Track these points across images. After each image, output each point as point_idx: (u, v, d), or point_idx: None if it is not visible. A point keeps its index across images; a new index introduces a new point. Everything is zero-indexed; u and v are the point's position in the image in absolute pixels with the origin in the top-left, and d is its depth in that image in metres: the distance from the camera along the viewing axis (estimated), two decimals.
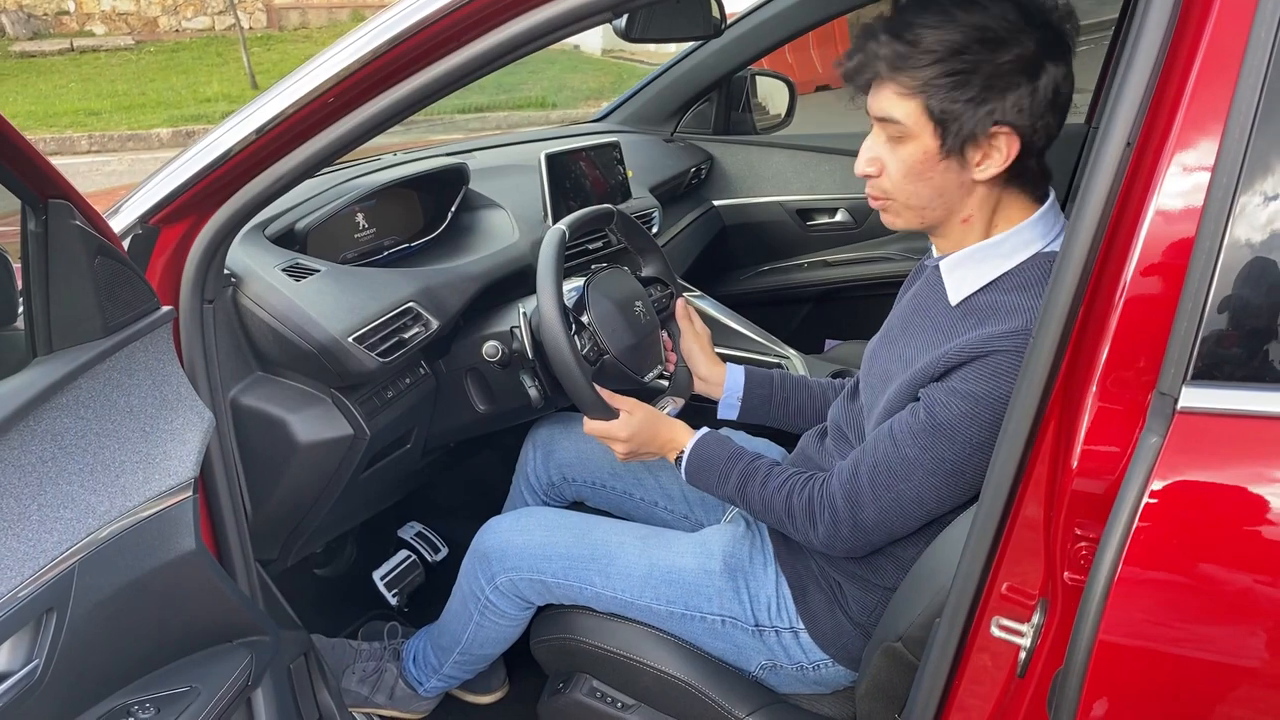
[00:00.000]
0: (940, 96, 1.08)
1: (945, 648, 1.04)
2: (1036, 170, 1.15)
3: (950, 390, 1.13)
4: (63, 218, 0.98)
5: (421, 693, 1.73)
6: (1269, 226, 0.79)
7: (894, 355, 1.27)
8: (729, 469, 1.35)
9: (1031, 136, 1.10)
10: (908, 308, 1.32)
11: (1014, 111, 1.08)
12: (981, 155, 1.12)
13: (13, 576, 0.87)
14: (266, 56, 11.28)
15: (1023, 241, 1.17)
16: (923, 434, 1.15)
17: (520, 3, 1.05)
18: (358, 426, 1.44)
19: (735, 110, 2.75)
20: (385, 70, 1.09)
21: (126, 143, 8.54)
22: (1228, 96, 0.80)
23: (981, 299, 1.17)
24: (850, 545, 1.26)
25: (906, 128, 1.12)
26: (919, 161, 1.14)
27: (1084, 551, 0.89)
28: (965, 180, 1.14)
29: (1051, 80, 1.08)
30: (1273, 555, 0.80)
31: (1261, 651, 0.81)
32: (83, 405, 1.01)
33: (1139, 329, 0.84)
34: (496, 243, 1.78)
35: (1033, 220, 1.17)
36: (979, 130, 1.09)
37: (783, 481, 1.32)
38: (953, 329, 1.18)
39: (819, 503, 1.26)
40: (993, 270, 1.17)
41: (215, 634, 1.18)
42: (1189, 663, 0.83)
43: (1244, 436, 0.80)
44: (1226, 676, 0.82)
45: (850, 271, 2.71)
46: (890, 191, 1.18)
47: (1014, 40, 1.06)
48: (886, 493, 1.20)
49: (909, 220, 1.21)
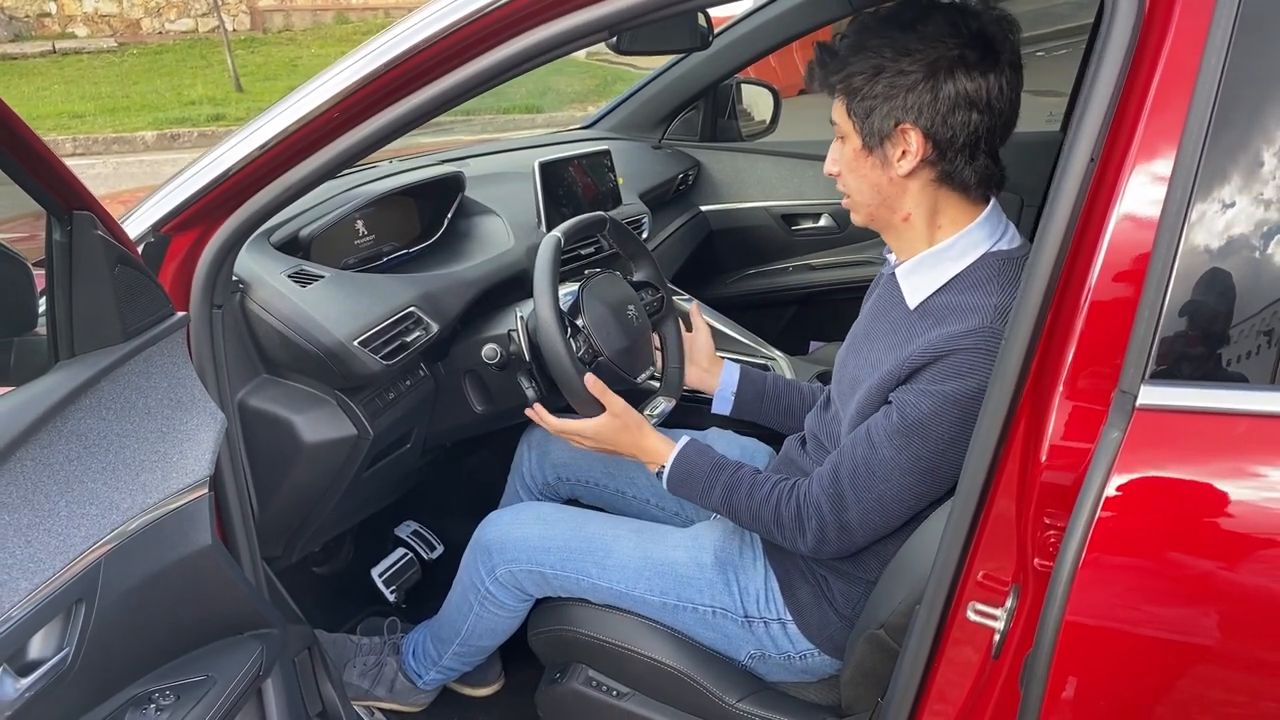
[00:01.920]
0: (856, 96, 1.21)
1: (925, 633, 1.09)
2: (968, 171, 1.22)
3: (919, 391, 1.20)
4: (86, 228, 1.03)
5: (420, 685, 1.78)
6: (1221, 235, 0.85)
7: (860, 361, 1.34)
8: (713, 480, 1.39)
9: (942, 135, 1.19)
10: (869, 315, 1.40)
11: (914, 111, 1.18)
12: (900, 152, 1.21)
13: (45, 569, 0.92)
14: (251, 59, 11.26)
15: (971, 243, 1.24)
16: (897, 435, 1.21)
17: (520, 23, 1.10)
18: (361, 427, 1.49)
19: (721, 117, 2.81)
20: (388, 87, 1.14)
21: (111, 146, 8.50)
22: (1182, 116, 0.86)
23: (937, 301, 1.25)
24: (837, 548, 1.31)
25: (841, 127, 1.26)
26: (852, 158, 1.26)
27: (1053, 539, 0.95)
28: (892, 176, 1.24)
29: (959, 83, 1.16)
30: (1224, 541, 0.86)
31: (1213, 630, 0.87)
32: (104, 407, 1.05)
33: (1103, 331, 0.91)
34: (493, 249, 1.84)
35: (979, 222, 1.24)
36: (885, 127, 1.20)
37: (769, 490, 1.35)
38: (912, 330, 1.25)
39: (805, 510, 1.31)
40: (945, 273, 1.25)
41: (228, 626, 1.23)
42: (1148, 641, 0.89)
43: (1198, 431, 0.87)
44: (1182, 654, 0.89)
45: (833, 275, 2.77)
46: (848, 188, 1.31)
47: (921, 49, 1.16)
48: (867, 494, 1.25)
49: (862, 217, 1.32)
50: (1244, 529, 0.85)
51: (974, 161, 1.22)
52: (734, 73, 2.65)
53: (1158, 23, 0.89)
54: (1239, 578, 0.85)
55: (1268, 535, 0.85)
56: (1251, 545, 0.86)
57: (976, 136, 1.19)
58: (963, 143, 1.19)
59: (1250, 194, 0.85)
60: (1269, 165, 0.84)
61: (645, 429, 1.46)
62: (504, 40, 1.11)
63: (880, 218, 1.30)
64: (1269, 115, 0.84)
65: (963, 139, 1.19)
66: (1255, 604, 0.85)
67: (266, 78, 10.48)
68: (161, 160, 8.11)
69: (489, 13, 1.08)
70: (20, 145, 0.92)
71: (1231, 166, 0.85)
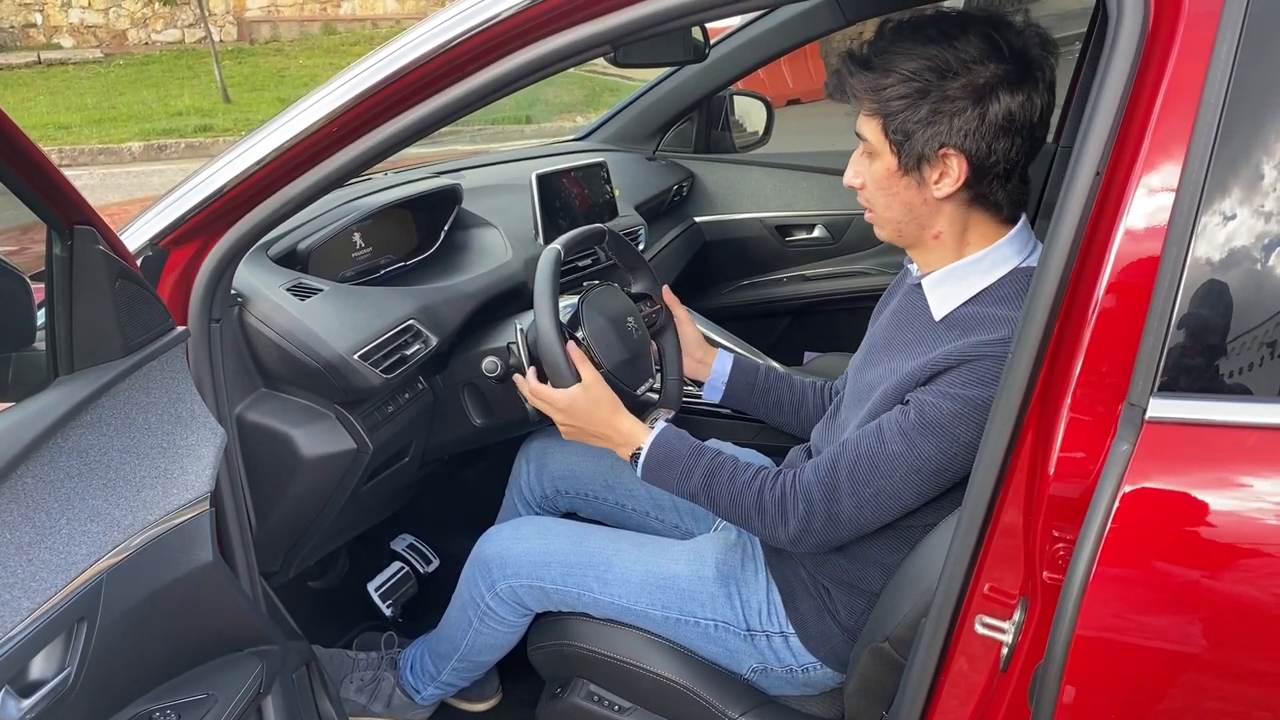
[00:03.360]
0: (895, 119, 1.18)
1: (931, 646, 1.09)
2: (1001, 194, 1.22)
3: (940, 393, 1.18)
4: (87, 243, 1.02)
5: (418, 701, 1.76)
6: (1228, 246, 0.86)
7: (880, 371, 1.32)
8: (693, 463, 1.35)
9: (984, 160, 1.17)
10: (889, 323, 1.38)
11: (959, 135, 1.16)
12: (938, 174, 1.19)
13: (47, 587, 0.91)
14: (238, 70, 11.24)
15: (1001, 258, 1.24)
16: (911, 431, 1.20)
17: (521, 37, 1.10)
18: (360, 441, 1.48)
19: (715, 129, 2.82)
20: (387, 102, 1.14)
21: (97, 156, 8.46)
22: (1188, 129, 0.87)
23: (965, 312, 1.24)
24: (819, 540, 1.28)
25: (873, 145, 1.22)
26: (884, 177, 1.23)
27: (1061, 552, 0.95)
28: (928, 197, 1.22)
29: (1004, 108, 1.15)
30: (1233, 553, 0.86)
31: (1223, 643, 0.87)
32: (105, 423, 1.05)
33: (1110, 344, 0.91)
34: (491, 261, 1.83)
35: (1009, 238, 1.24)
36: (928, 151, 1.17)
37: (752, 476, 1.32)
38: (937, 340, 1.24)
39: (791, 496, 1.28)
40: (974, 286, 1.24)
41: (229, 643, 1.22)
42: (1159, 654, 0.89)
43: (1208, 444, 0.87)
44: (1193, 667, 0.89)
45: (828, 286, 2.78)
46: (872, 204, 1.27)
47: (965, 70, 1.14)
48: (866, 488, 1.23)
49: (889, 233, 1.29)
50: (1256, 543, 0.86)
51: (1008, 184, 1.21)
52: (728, 85, 2.66)
53: (1162, 36, 0.90)
54: (1251, 591, 0.85)
55: (1275, 548, 0.85)
56: (1260, 558, 0.86)
57: (1014, 160, 1.18)
58: (1002, 167, 1.18)
59: (1256, 206, 0.85)
60: (1273, 177, 0.85)
61: (620, 408, 1.41)
62: (505, 55, 1.11)
63: (908, 234, 1.27)
64: (1274, 127, 0.85)
65: (1003, 164, 1.18)
66: (1266, 617, 0.86)
67: (254, 88, 10.45)
68: (148, 171, 8.08)
69: (490, 27, 1.08)
70: (22, 158, 0.91)
71: (1237, 178, 0.85)
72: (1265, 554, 0.85)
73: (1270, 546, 0.85)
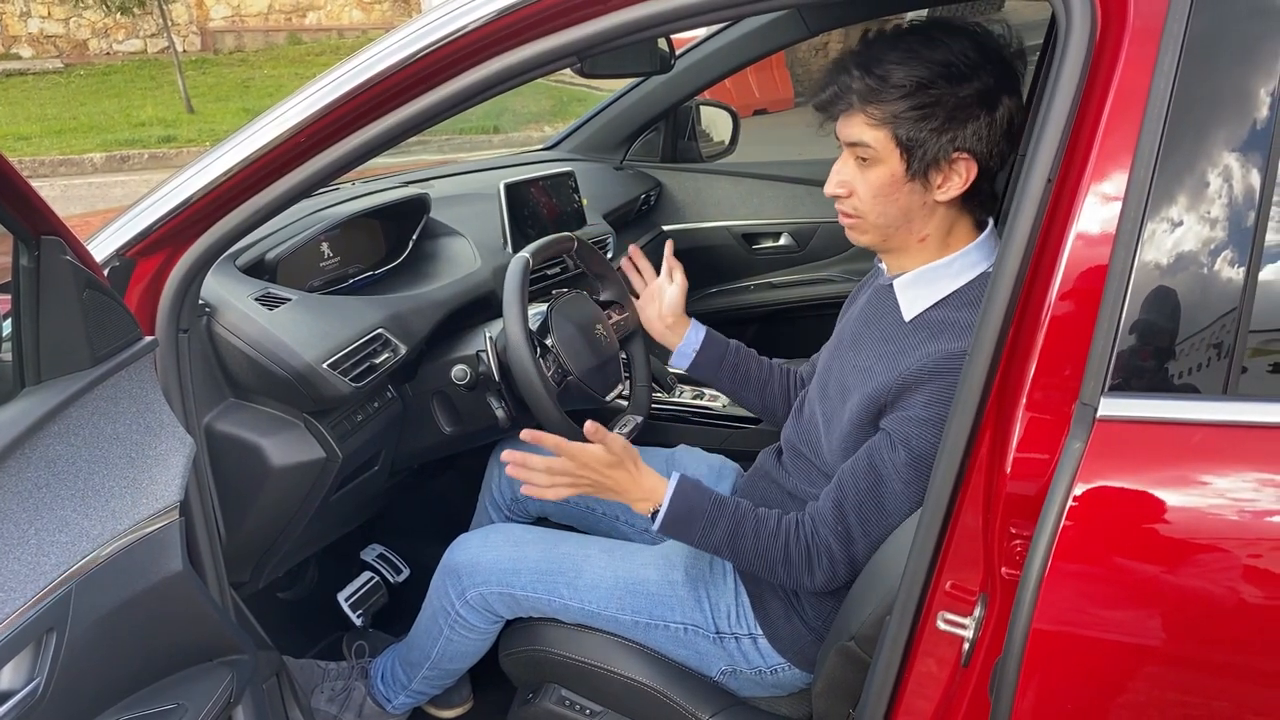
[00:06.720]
0: (908, 126, 1.19)
1: (895, 643, 1.11)
2: (988, 193, 1.26)
3: (920, 421, 1.21)
4: (54, 253, 1.02)
5: (389, 710, 1.76)
6: (1174, 252, 0.89)
7: (849, 367, 1.35)
8: (715, 516, 1.32)
9: (988, 162, 1.21)
10: (857, 321, 1.40)
11: (973, 139, 1.19)
12: (943, 178, 1.22)
13: (16, 598, 0.91)
14: (202, 80, 11.16)
15: (970, 263, 1.27)
16: (905, 469, 1.22)
17: (488, 48, 1.12)
18: (330, 450, 1.49)
19: (682, 139, 2.84)
20: (355, 112, 1.15)
21: (58, 168, 8.36)
22: (1134, 138, 0.90)
23: (933, 314, 1.27)
24: (845, 580, 1.30)
25: (876, 152, 1.22)
26: (886, 183, 1.24)
27: (1018, 549, 0.97)
28: (928, 201, 1.24)
29: (1007, 111, 1.19)
30: (1184, 546, 0.89)
31: (1175, 635, 0.90)
32: (73, 433, 1.04)
33: (1063, 346, 0.93)
34: (459, 270, 1.84)
35: (978, 243, 1.27)
36: (941, 156, 1.20)
37: (776, 527, 1.31)
38: (906, 342, 1.27)
39: (813, 549, 1.29)
40: (943, 289, 1.27)
41: (199, 653, 1.21)
42: (1112, 646, 0.92)
43: (1156, 441, 0.90)
44: (1145, 658, 0.91)
45: (794, 293, 2.81)
46: (861, 210, 1.27)
47: (974, 75, 1.17)
48: (876, 527, 1.26)
49: (873, 238, 1.30)
50: (1201, 536, 0.89)
51: (991, 186, 1.25)
52: (694, 95, 2.68)
53: (1109, 49, 0.93)
54: (1197, 583, 0.88)
55: (1222, 540, 0.88)
56: (1208, 551, 0.89)
57: (1006, 159, 1.22)
58: (996, 169, 1.22)
59: (1201, 212, 0.88)
60: (1215, 184, 0.88)
61: (644, 466, 1.36)
62: (473, 65, 1.13)
63: (895, 239, 1.29)
64: (1215, 137, 0.88)
65: (999, 163, 1.22)
66: (1213, 608, 0.88)
67: (218, 99, 10.38)
68: (110, 182, 7.99)
69: (459, 38, 1.10)
70: None
71: (1182, 186, 0.89)
72: (1211, 545, 0.89)
73: (1216, 538, 0.89)
